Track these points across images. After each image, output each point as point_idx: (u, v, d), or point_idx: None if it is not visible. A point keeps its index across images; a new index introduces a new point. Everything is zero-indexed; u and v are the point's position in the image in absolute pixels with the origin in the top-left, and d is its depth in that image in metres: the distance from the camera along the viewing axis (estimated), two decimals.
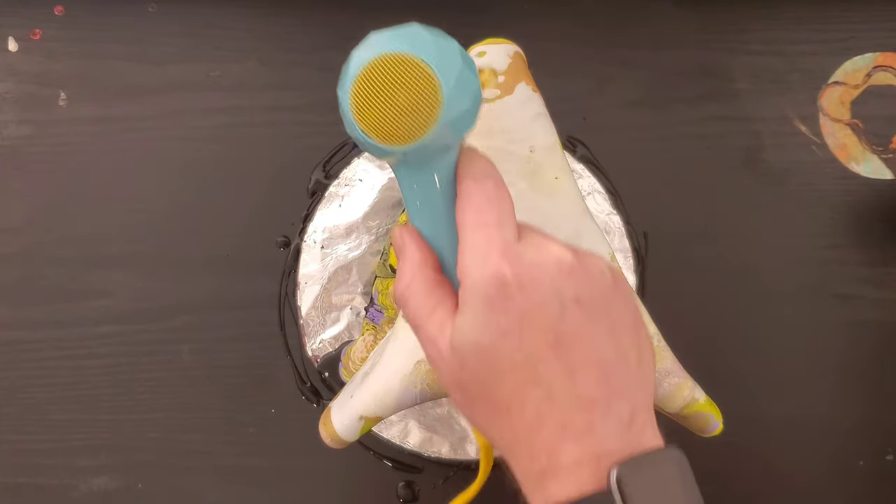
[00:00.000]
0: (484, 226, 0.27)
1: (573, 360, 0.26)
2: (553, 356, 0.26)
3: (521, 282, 0.26)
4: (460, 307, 0.27)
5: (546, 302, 0.26)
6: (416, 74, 0.28)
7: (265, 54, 0.58)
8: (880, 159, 0.57)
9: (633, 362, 0.28)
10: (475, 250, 0.27)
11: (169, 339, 0.53)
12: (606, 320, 0.27)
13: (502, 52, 0.45)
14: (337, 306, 0.52)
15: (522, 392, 0.26)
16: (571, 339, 0.26)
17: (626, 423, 0.26)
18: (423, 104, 0.28)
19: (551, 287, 0.26)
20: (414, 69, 0.29)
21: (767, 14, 0.59)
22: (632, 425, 0.27)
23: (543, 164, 0.42)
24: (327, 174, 0.55)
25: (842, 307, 0.55)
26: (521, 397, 0.26)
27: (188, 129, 0.56)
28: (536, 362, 0.26)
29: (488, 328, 0.26)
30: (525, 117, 0.43)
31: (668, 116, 0.57)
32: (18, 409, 0.53)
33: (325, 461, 0.51)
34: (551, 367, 0.26)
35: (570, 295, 0.26)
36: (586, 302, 0.27)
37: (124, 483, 0.52)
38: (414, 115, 0.28)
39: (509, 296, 0.26)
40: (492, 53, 0.45)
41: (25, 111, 0.57)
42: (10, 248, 0.55)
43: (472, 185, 0.29)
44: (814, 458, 0.53)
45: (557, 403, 0.26)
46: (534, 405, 0.26)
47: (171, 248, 0.55)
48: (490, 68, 0.44)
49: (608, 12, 0.59)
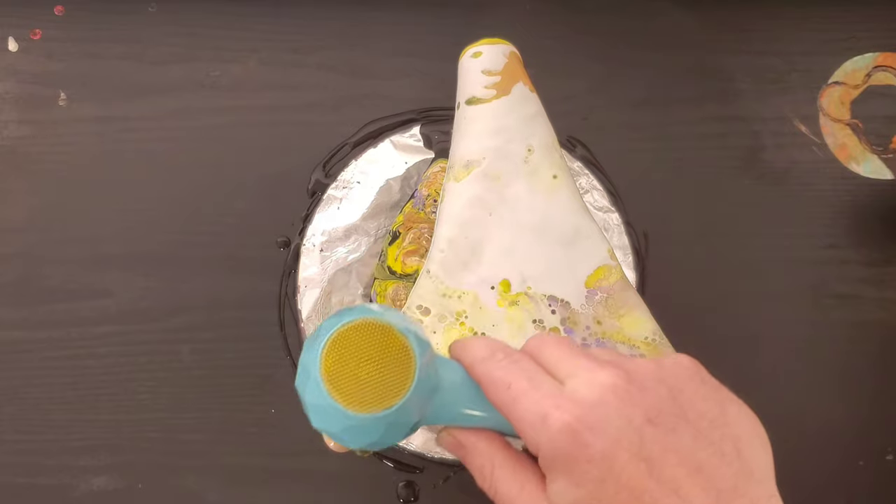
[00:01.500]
0: (523, 395, 0.27)
1: (673, 478, 0.26)
2: (654, 483, 0.26)
3: (588, 424, 0.26)
4: (548, 478, 0.27)
5: (622, 435, 0.26)
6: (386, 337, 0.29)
7: (265, 54, 0.58)
8: (880, 159, 0.57)
9: (731, 454, 0.27)
10: (531, 421, 0.27)
11: (169, 339, 0.53)
12: (686, 426, 0.27)
13: (498, 52, 0.45)
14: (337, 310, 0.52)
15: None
16: (662, 459, 0.26)
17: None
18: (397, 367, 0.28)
19: (619, 418, 0.26)
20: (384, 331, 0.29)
21: (767, 14, 0.59)
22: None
23: (542, 164, 0.43)
24: (327, 174, 0.55)
25: (842, 307, 0.55)
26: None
27: (188, 130, 0.56)
28: (640, 494, 0.26)
29: (582, 483, 0.26)
30: (522, 117, 0.43)
31: (668, 116, 0.57)
32: (18, 409, 0.53)
33: (325, 461, 0.51)
34: (656, 494, 0.26)
35: (640, 419, 0.26)
36: (659, 418, 0.26)
37: (124, 483, 0.52)
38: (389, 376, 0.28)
39: (586, 443, 0.26)
40: (488, 54, 0.45)
41: (25, 111, 0.57)
42: (10, 248, 0.55)
43: (484, 367, 0.29)
44: (814, 457, 0.53)
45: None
46: None
47: (170, 248, 0.55)
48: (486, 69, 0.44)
49: (608, 12, 0.59)
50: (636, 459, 0.26)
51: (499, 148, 0.43)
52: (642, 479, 0.25)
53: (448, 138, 0.54)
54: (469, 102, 0.44)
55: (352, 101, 0.57)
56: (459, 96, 0.45)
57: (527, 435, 0.27)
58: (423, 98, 0.56)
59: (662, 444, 0.26)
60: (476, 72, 0.44)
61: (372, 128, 0.56)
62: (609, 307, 0.42)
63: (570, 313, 0.41)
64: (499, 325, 0.40)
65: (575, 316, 0.41)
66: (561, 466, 0.26)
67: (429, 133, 0.55)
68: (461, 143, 0.44)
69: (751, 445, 0.28)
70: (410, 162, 0.54)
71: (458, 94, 0.45)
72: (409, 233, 0.51)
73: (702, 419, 0.27)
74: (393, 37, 0.58)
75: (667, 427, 0.26)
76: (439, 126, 0.55)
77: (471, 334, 0.40)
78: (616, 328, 0.41)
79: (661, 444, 0.26)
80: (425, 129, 0.55)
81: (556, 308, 0.41)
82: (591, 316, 0.41)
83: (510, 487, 0.29)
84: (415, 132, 0.55)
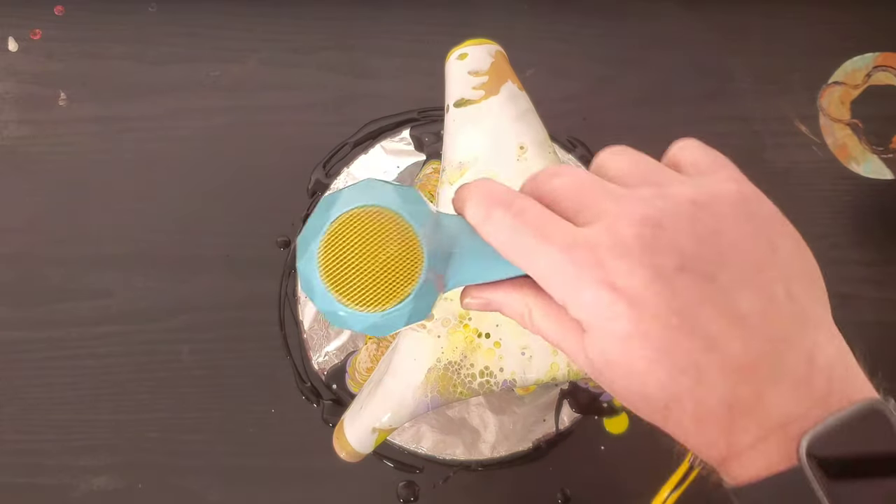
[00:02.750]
0: (532, 253, 0.24)
1: (710, 332, 0.23)
2: (687, 338, 0.23)
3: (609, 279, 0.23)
4: (586, 329, 0.24)
5: (649, 287, 0.23)
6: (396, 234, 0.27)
7: (265, 54, 0.58)
8: (880, 159, 0.57)
9: (782, 299, 0.23)
10: (548, 279, 0.24)
11: (169, 339, 0.53)
12: (727, 271, 0.23)
13: (484, 53, 0.45)
14: None
15: (673, 386, 0.23)
16: (696, 312, 0.23)
17: (804, 378, 0.23)
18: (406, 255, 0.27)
19: (646, 268, 0.23)
20: (394, 228, 0.27)
21: (767, 14, 0.59)
22: (812, 378, 0.23)
23: (535, 161, 0.42)
24: (327, 174, 0.55)
25: (842, 307, 0.55)
26: (675, 393, 0.23)
27: (188, 129, 0.56)
28: (672, 350, 0.23)
29: (610, 340, 0.24)
30: (513, 115, 0.43)
31: (668, 116, 0.57)
32: (18, 409, 0.53)
33: (325, 461, 0.51)
34: (691, 350, 0.23)
35: (670, 267, 0.23)
36: (693, 264, 0.23)
37: (124, 483, 0.52)
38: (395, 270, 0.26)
39: (608, 300, 0.23)
40: (473, 54, 0.44)
41: (25, 111, 0.57)
42: (10, 248, 0.55)
43: (486, 230, 0.26)
44: None
45: (712, 385, 0.23)
46: (689, 397, 0.23)
47: (170, 248, 0.54)
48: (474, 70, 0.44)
49: (608, 12, 0.59)
50: (666, 313, 0.23)
51: (491, 148, 0.42)
52: (674, 335, 0.23)
53: (438, 139, 0.54)
54: (458, 104, 0.44)
55: (352, 101, 0.57)
56: (448, 98, 0.45)
57: (550, 291, 0.24)
58: (423, 98, 0.56)
59: (697, 295, 0.23)
60: (463, 73, 0.44)
61: (372, 128, 0.56)
62: None
63: None
64: (503, 324, 0.40)
65: None
66: (586, 321, 0.24)
67: (419, 135, 0.55)
68: (452, 145, 0.44)
69: (805, 285, 0.24)
70: (402, 166, 0.54)
71: (447, 96, 0.45)
72: None
73: (746, 262, 0.24)
74: (393, 37, 0.58)
75: (703, 275, 0.23)
76: (438, 126, 0.55)
77: (475, 335, 0.40)
78: None
79: (696, 295, 0.23)
80: (415, 132, 0.55)
81: None
82: None
83: (554, 332, 0.26)
84: (405, 136, 0.55)
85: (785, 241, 0.25)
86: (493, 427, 0.51)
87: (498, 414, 0.51)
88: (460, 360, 0.40)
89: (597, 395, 0.52)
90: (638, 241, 0.23)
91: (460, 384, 0.40)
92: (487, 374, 0.40)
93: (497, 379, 0.40)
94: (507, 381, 0.40)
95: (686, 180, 0.26)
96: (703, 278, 0.23)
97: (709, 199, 0.25)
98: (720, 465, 0.24)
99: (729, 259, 0.23)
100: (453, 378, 0.40)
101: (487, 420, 0.51)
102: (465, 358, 0.40)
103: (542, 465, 0.52)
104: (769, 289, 0.23)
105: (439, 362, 0.40)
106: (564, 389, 0.52)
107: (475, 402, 0.51)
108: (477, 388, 0.40)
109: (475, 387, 0.40)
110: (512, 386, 0.40)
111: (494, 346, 0.40)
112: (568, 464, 0.52)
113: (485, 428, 0.51)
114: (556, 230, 0.24)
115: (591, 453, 0.52)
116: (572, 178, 0.26)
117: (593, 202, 0.25)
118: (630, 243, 0.23)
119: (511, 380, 0.40)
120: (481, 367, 0.40)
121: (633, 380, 0.24)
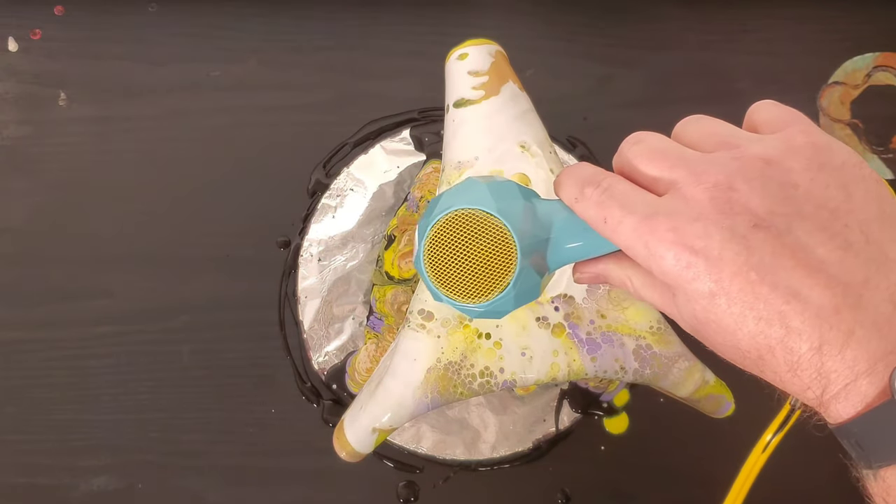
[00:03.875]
0: (619, 225, 0.26)
1: (790, 282, 0.24)
2: (768, 291, 0.24)
3: (687, 243, 0.25)
4: (674, 293, 0.27)
5: (725, 247, 0.24)
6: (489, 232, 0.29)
7: (265, 54, 0.58)
8: (880, 159, 0.57)
9: (859, 242, 0.24)
10: (634, 249, 0.26)
11: (169, 339, 0.53)
12: (802, 222, 0.25)
13: (484, 53, 0.45)
14: (339, 317, 0.52)
15: (763, 339, 0.25)
16: (774, 265, 0.24)
17: (888, 318, 0.24)
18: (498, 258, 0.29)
19: (721, 230, 0.24)
20: (488, 227, 0.29)
21: (767, 14, 0.59)
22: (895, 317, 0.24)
23: (536, 161, 0.42)
24: (327, 174, 0.55)
25: None
26: (766, 344, 0.25)
27: (188, 129, 0.56)
28: (754, 304, 0.24)
29: (695, 299, 0.25)
30: (513, 115, 0.43)
31: (668, 116, 0.57)
32: (18, 409, 0.53)
33: (325, 461, 0.51)
34: (773, 301, 0.24)
35: (744, 226, 0.24)
36: (767, 220, 0.24)
37: (124, 483, 0.52)
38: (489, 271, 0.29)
39: (687, 263, 0.25)
40: (474, 55, 0.45)
41: (25, 111, 0.57)
42: (10, 248, 0.55)
43: (579, 209, 0.28)
44: (814, 457, 0.53)
45: (799, 333, 0.24)
46: (780, 346, 0.24)
47: (171, 248, 0.54)
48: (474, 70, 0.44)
49: (608, 12, 0.59)
50: (745, 269, 0.24)
51: (491, 148, 0.42)
52: (754, 289, 0.24)
53: (439, 139, 0.54)
54: (458, 105, 0.44)
55: (352, 101, 0.57)
56: (448, 98, 0.45)
57: (638, 260, 0.26)
58: (423, 98, 0.56)
59: (773, 249, 0.24)
60: (463, 73, 0.44)
61: (372, 128, 0.56)
62: (612, 300, 0.42)
63: (574, 308, 0.41)
64: (503, 325, 0.40)
65: (578, 311, 0.41)
66: (672, 285, 0.26)
67: (419, 135, 0.55)
68: (452, 145, 0.44)
69: (884, 227, 0.25)
70: (402, 166, 0.54)
71: (447, 96, 0.45)
72: (403, 235, 0.51)
73: (821, 210, 0.25)
74: (393, 37, 0.58)
75: (777, 229, 0.24)
76: (438, 126, 0.55)
77: (475, 335, 0.40)
78: (621, 320, 0.41)
79: (772, 249, 0.24)
80: (415, 132, 0.55)
81: (559, 305, 0.41)
82: (595, 310, 0.41)
83: (654, 298, 0.29)
84: (405, 136, 0.55)
85: (859, 185, 0.26)
86: (494, 427, 0.51)
87: (498, 414, 0.51)
88: (460, 361, 0.40)
89: (597, 395, 0.52)
90: (712, 203, 0.25)
91: (460, 384, 0.40)
92: (487, 375, 0.40)
93: (497, 379, 0.40)
94: (508, 382, 0.40)
95: (759, 139, 0.27)
96: (779, 232, 0.24)
97: (780, 155, 0.26)
98: (819, 406, 0.25)
99: (803, 211, 0.25)
100: (453, 378, 0.40)
101: (487, 420, 0.51)
102: (465, 358, 0.40)
103: (542, 465, 0.52)
104: (845, 234, 0.24)
105: (439, 362, 0.40)
106: (564, 389, 0.52)
107: (475, 402, 0.51)
108: (477, 389, 0.40)
109: (475, 387, 0.40)
110: (512, 386, 0.40)
111: (494, 346, 0.40)
112: (568, 464, 0.52)
113: (485, 428, 0.51)
114: (637, 201, 0.26)
115: (591, 453, 0.52)
116: (649, 145, 0.28)
117: (669, 169, 0.27)
118: (704, 207, 0.25)
119: (511, 380, 0.40)
120: (481, 368, 0.40)
121: (724, 336, 0.25)
